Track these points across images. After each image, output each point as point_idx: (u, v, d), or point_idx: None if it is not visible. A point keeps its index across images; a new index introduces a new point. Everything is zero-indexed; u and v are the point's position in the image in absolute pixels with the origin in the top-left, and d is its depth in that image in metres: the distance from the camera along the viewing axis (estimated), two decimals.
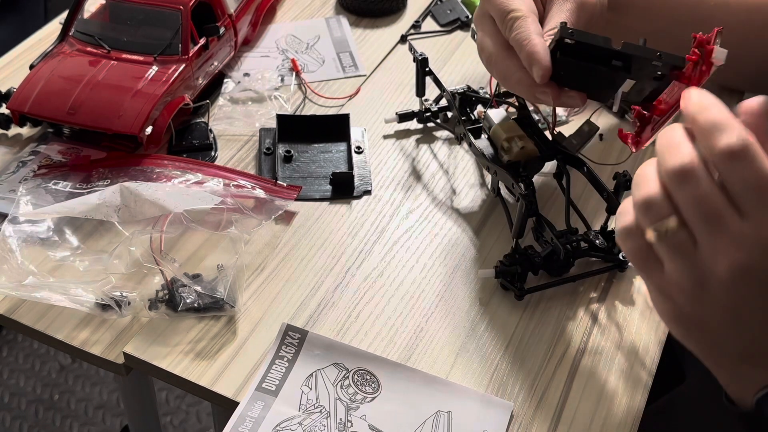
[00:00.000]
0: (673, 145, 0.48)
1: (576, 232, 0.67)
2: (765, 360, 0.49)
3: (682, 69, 0.58)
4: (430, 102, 0.81)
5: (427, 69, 0.78)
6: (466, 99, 0.77)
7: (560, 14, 0.65)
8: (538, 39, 0.61)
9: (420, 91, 0.80)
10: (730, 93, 0.86)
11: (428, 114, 0.81)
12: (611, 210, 0.67)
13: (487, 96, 0.78)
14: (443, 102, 0.82)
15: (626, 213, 0.50)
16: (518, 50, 0.62)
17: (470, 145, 0.74)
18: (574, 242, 0.66)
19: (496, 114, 0.73)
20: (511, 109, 0.77)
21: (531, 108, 0.76)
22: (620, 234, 0.50)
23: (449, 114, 0.81)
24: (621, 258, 0.67)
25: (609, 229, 0.67)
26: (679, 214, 0.47)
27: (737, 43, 0.79)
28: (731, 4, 0.77)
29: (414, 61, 0.78)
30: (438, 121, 0.81)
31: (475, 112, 0.78)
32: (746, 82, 0.85)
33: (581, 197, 0.74)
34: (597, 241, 0.66)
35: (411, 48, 0.79)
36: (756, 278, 0.46)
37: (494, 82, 0.77)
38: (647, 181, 0.48)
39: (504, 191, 0.73)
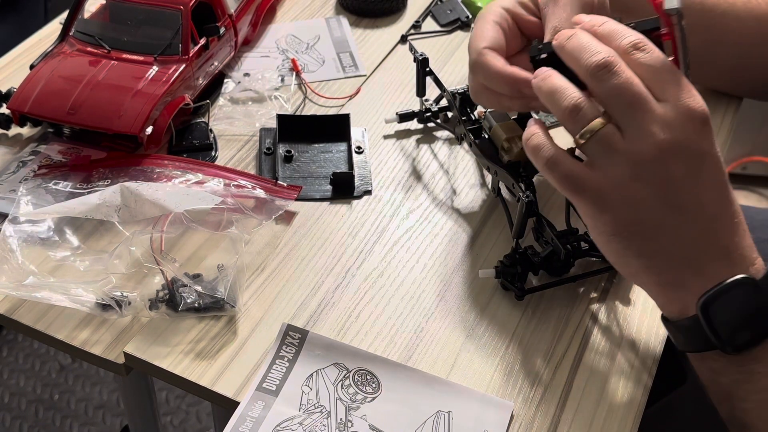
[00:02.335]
0: (586, 46, 0.52)
1: (576, 232, 0.67)
2: (706, 264, 0.51)
3: (659, 29, 0.56)
4: (430, 102, 0.81)
5: (428, 69, 0.78)
6: (467, 99, 0.77)
7: (558, 10, 0.64)
8: (504, 68, 0.61)
9: (420, 91, 0.80)
10: (729, 99, 0.86)
11: (428, 114, 0.81)
12: None
13: None
14: (443, 102, 0.82)
15: (541, 144, 0.54)
16: (496, 87, 0.63)
17: (470, 145, 0.74)
18: (574, 242, 0.66)
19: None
20: None
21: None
22: (546, 167, 0.54)
23: (449, 114, 0.81)
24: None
25: None
26: (605, 109, 0.52)
27: (743, 50, 0.79)
28: (739, 12, 0.77)
29: (414, 61, 0.78)
30: (438, 121, 0.81)
31: (476, 112, 0.78)
32: (748, 89, 0.85)
33: None
34: None
35: (411, 48, 0.79)
36: (682, 155, 0.50)
37: None
38: (566, 90, 0.53)
39: (504, 191, 0.73)
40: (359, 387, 0.60)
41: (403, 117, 0.81)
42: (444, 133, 0.82)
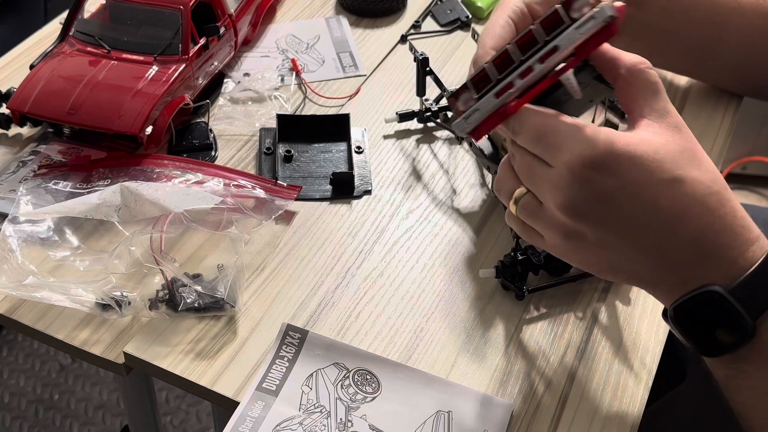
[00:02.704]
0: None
1: None
2: (659, 282, 0.52)
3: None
4: (430, 102, 0.81)
5: (428, 69, 0.78)
6: None
7: None
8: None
9: (420, 90, 0.80)
10: (729, 98, 0.86)
11: (428, 114, 0.81)
12: None
13: None
14: (443, 102, 0.82)
15: (507, 215, 0.58)
16: None
17: (470, 144, 0.74)
18: None
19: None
20: None
21: None
22: (508, 222, 0.58)
23: (449, 114, 0.81)
24: None
25: None
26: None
27: (747, 48, 0.79)
28: (746, 10, 0.77)
29: (414, 60, 0.78)
30: (438, 120, 0.81)
31: None
32: (748, 87, 0.85)
33: None
34: None
35: (411, 48, 0.79)
36: (586, 207, 0.50)
37: None
38: (498, 172, 0.58)
39: None
40: (359, 387, 0.60)
41: (403, 117, 0.81)
42: (444, 133, 0.82)
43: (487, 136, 0.73)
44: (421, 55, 0.77)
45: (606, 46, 0.53)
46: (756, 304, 0.49)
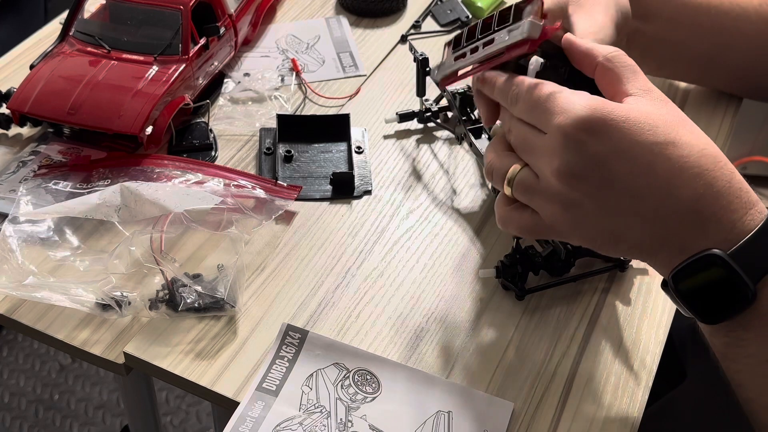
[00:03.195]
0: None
1: None
2: (660, 250, 0.51)
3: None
4: (430, 102, 0.81)
5: (428, 69, 0.78)
6: (467, 99, 0.77)
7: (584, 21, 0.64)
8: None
9: (420, 91, 0.80)
10: (729, 99, 0.86)
11: (428, 114, 0.81)
12: None
13: None
14: (443, 102, 0.82)
15: (495, 208, 0.58)
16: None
17: (471, 145, 0.74)
18: None
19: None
20: None
21: None
22: (501, 227, 0.58)
23: (449, 114, 0.81)
24: (621, 258, 0.67)
25: None
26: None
27: (753, 53, 0.79)
28: (751, 16, 0.78)
29: (414, 61, 0.78)
30: (438, 121, 0.81)
31: (476, 112, 0.78)
32: (753, 90, 0.85)
33: None
34: None
35: (411, 48, 0.79)
36: (580, 173, 0.50)
37: None
38: (485, 156, 0.58)
39: None
40: (359, 387, 0.60)
41: (403, 117, 0.81)
42: (444, 133, 0.82)
43: (487, 136, 0.73)
44: (421, 55, 0.77)
45: (578, 41, 0.56)
46: (756, 268, 0.49)
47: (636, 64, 0.54)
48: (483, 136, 0.75)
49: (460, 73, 0.62)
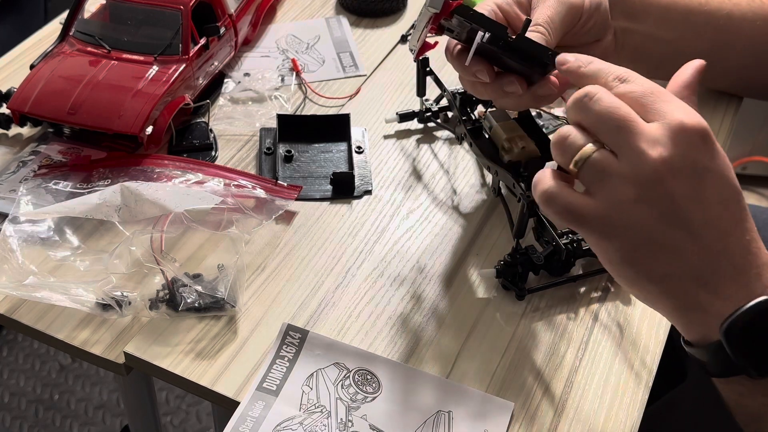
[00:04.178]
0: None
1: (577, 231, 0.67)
2: (720, 284, 0.49)
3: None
4: (430, 102, 0.81)
5: (428, 69, 0.78)
6: (467, 99, 0.77)
7: (543, 8, 0.66)
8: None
9: (420, 91, 0.80)
10: (729, 99, 0.86)
11: (429, 114, 0.81)
12: None
13: None
14: (444, 102, 0.82)
15: (541, 180, 0.53)
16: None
17: (471, 145, 0.74)
18: (575, 242, 0.66)
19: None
20: None
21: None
22: (543, 202, 0.52)
23: (450, 114, 0.81)
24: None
25: None
26: (595, 138, 0.51)
27: (753, 52, 0.79)
28: (746, 13, 0.77)
29: (414, 60, 0.78)
30: (438, 121, 0.81)
31: (476, 112, 0.78)
32: (753, 89, 0.85)
33: None
34: None
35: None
36: (680, 172, 0.49)
37: None
38: (559, 130, 0.53)
39: (505, 191, 0.73)
40: (359, 387, 0.60)
41: (403, 117, 0.81)
42: (444, 133, 0.82)
43: (487, 136, 0.73)
44: None
45: (584, 67, 0.56)
46: None
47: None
48: (483, 135, 0.74)
49: (417, 42, 0.64)
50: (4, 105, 0.78)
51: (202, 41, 0.80)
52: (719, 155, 0.50)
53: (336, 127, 0.80)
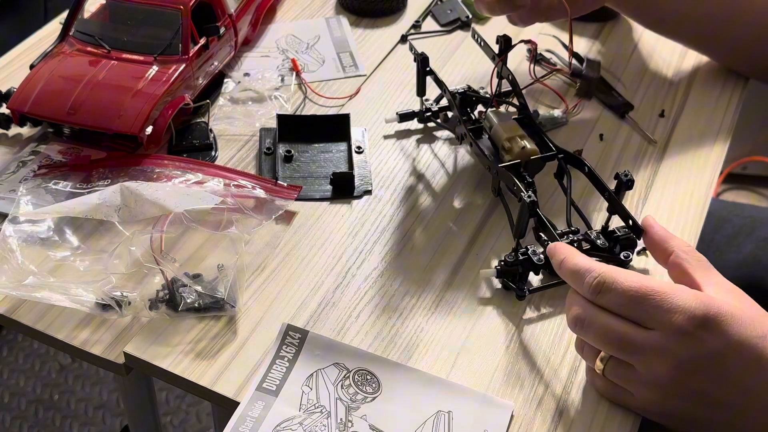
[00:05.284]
0: (568, 302, 0.56)
1: (577, 232, 0.67)
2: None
3: None
4: (430, 102, 0.81)
5: (428, 68, 0.78)
6: (467, 99, 0.77)
7: None
8: None
9: (420, 90, 0.80)
10: (737, 77, 0.86)
11: (429, 114, 0.81)
12: (612, 210, 0.67)
13: (488, 96, 0.78)
14: (444, 102, 0.82)
15: (582, 354, 0.58)
16: None
17: (471, 145, 0.74)
18: (575, 242, 0.66)
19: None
20: (512, 109, 0.77)
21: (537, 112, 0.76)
22: (589, 380, 0.59)
23: (450, 114, 0.81)
24: (622, 258, 0.67)
25: (610, 229, 0.67)
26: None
27: (759, 23, 0.78)
28: None
29: (414, 60, 0.78)
30: (438, 121, 0.81)
31: (476, 112, 0.78)
32: (759, 68, 0.85)
33: (582, 197, 0.74)
34: (598, 241, 0.66)
35: (411, 48, 0.79)
36: (695, 369, 0.50)
37: (495, 82, 0.77)
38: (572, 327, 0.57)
39: (505, 191, 0.73)
40: (359, 387, 0.59)
41: (403, 117, 0.81)
42: (444, 133, 0.82)
43: (487, 136, 0.73)
44: (421, 54, 0.77)
45: (656, 226, 0.61)
46: None
47: (708, 260, 0.56)
48: (483, 135, 0.75)
49: None
50: (4, 105, 0.78)
51: (202, 41, 0.80)
52: (725, 324, 0.50)
53: (336, 127, 0.80)
